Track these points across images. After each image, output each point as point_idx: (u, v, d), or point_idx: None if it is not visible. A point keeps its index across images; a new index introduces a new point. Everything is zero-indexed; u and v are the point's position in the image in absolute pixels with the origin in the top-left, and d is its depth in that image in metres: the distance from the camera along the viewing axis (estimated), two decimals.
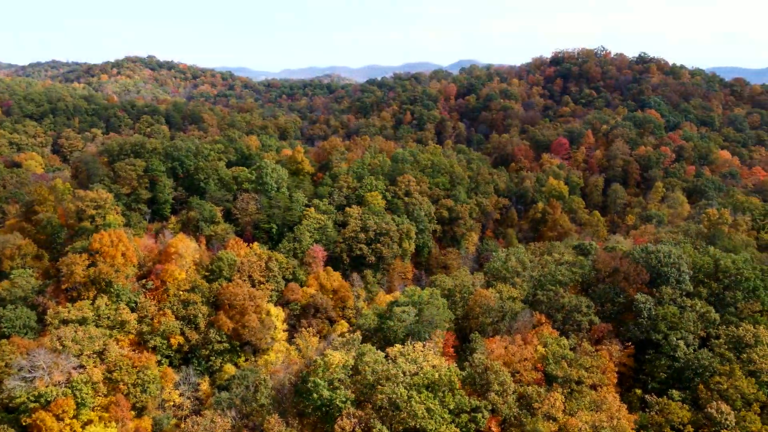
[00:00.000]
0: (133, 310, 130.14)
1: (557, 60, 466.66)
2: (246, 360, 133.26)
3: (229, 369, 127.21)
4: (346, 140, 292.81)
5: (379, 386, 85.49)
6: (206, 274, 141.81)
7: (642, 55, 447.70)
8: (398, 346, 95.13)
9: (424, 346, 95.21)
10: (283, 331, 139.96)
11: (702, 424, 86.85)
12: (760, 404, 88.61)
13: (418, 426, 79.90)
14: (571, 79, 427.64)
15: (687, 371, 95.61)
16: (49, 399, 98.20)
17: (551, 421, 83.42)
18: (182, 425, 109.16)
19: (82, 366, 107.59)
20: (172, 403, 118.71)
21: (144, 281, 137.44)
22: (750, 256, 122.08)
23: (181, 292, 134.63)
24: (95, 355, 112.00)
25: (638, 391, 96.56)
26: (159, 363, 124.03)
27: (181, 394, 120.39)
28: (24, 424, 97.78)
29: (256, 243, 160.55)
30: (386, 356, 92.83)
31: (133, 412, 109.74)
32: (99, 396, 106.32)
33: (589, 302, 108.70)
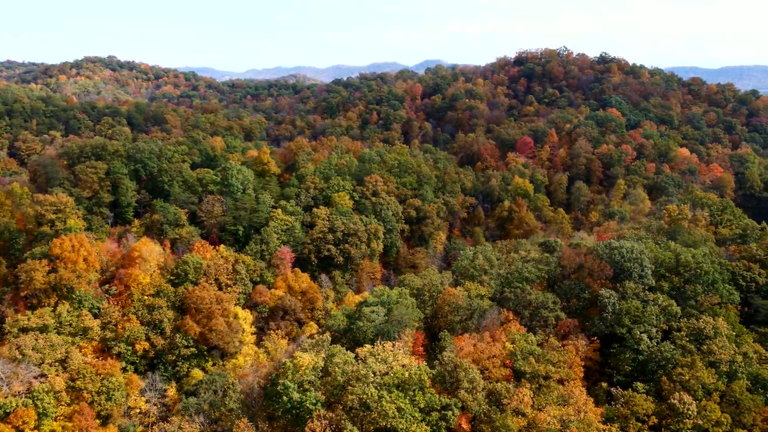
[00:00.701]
0: (96, 316, 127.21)
1: (521, 60, 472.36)
2: (214, 364, 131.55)
3: (197, 374, 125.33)
4: (313, 141, 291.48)
5: (350, 387, 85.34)
6: (171, 278, 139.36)
7: (603, 55, 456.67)
8: (368, 346, 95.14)
9: (393, 345, 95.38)
10: (252, 334, 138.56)
11: (666, 415, 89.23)
12: (719, 393, 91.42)
13: (389, 425, 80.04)
14: (535, 78, 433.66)
15: (650, 364, 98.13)
16: (8, 410, 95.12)
17: (520, 416, 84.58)
18: None
19: (43, 375, 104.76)
20: (138, 411, 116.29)
21: (107, 286, 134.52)
22: (709, 250, 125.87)
23: (146, 297, 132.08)
24: (57, 364, 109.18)
25: (604, 385, 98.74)
26: (124, 370, 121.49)
27: (147, 401, 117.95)
28: None
29: (222, 245, 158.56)
30: (356, 357, 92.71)
31: (97, 421, 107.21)
32: (62, 405, 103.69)
33: (555, 298, 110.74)
